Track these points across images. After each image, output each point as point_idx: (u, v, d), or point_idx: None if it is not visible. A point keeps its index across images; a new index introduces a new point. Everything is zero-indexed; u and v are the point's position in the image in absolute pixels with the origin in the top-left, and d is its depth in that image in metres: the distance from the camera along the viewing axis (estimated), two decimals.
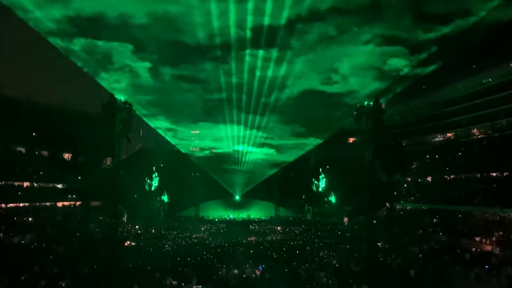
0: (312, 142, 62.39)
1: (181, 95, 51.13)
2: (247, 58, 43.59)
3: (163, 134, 60.58)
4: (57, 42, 41.84)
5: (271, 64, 43.48)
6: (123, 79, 48.58)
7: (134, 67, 46.31)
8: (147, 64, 46.06)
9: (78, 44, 42.69)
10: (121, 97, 24.32)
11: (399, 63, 46.15)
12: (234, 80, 45.54)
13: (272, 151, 66.39)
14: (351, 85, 49.88)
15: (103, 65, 45.96)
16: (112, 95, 24.34)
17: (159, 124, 58.90)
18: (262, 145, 61.88)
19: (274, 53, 42.00)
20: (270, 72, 44.84)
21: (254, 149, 63.28)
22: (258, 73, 45.02)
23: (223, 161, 66.08)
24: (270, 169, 67.23)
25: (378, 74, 47.85)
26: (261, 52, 42.04)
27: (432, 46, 43.22)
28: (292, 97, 49.82)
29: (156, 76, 48.72)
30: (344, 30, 41.08)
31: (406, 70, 46.96)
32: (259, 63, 43.49)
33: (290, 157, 66.06)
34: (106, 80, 46.42)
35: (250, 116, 53.59)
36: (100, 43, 42.75)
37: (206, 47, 41.17)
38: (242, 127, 57.02)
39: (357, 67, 47.53)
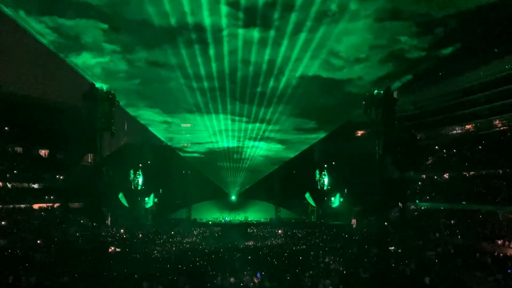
0: (317, 136, 62.32)
1: (166, 83, 50.55)
2: (235, 40, 43.01)
3: (150, 128, 60.48)
4: (29, 23, 41.29)
5: (262, 47, 42.99)
6: (100, 65, 47.93)
7: (110, 51, 45.61)
8: (128, 49, 45.39)
9: (49, 25, 41.99)
10: (102, 86, 24.23)
11: (412, 45, 45.29)
12: (220, 65, 44.93)
13: (271, 145, 66.38)
14: (357, 71, 49.25)
15: (77, 50, 45.31)
16: (92, 84, 24.27)
17: (146, 116, 58.70)
18: (260, 139, 61.78)
19: (265, 33, 41.49)
20: (261, 56, 44.32)
21: (251, 143, 63.25)
22: (249, 57, 44.54)
23: (217, 158, 66.04)
24: (270, 166, 67.26)
25: (388, 58, 47.12)
26: (250, 33, 41.53)
27: (449, 24, 42.35)
28: (290, 85, 49.29)
29: (137, 62, 48.15)
30: (345, 4, 39.96)
31: (420, 53, 46.27)
32: (247, 45, 42.94)
33: (291, 152, 66.07)
34: (83, 68, 45.79)
35: (246, 107, 53.44)
36: (69, 22, 41.97)
37: (188, 28, 40.53)
38: (236, 118, 56.89)
39: (363, 50, 46.72)
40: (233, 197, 67.78)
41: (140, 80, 51.12)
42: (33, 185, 48.23)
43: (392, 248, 27.62)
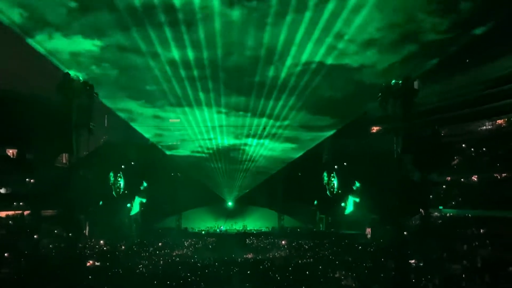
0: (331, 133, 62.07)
1: (150, 71, 50.00)
2: (226, 20, 42.54)
3: (133, 124, 60.31)
4: None
5: (257, 29, 42.55)
6: (70, 50, 47.24)
7: (82, 34, 44.85)
8: (102, 31, 44.65)
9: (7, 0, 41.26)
10: (79, 76, 24.34)
11: (434, 25, 44.31)
12: (211, 51, 44.56)
13: (276, 144, 66.18)
14: (370, 57, 48.57)
15: (43, 31, 44.60)
16: (67, 74, 24.37)
17: (128, 110, 58.40)
18: (261, 136, 61.68)
19: (261, 11, 40.99)
20: (258, 40, 43.87)
21: (253, 141, 63.15)
22: (244, 41, 44.12)
23: (212, 158, 65.95)
24: (275, 168, 67.10)
25: (405, 41, 46.29)
26: (243, 11, 41.08)
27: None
28: (291, 74, 48.83)
29: (114, 47, 47.48)
30: None
31: (444, 34, 45.46)
32: (240, 26, 42.47)
33: (296, 152, 65.84)
34: (52, 53, 45.06)
35: (244, 99, 53.33)
36: None
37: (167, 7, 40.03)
38: (233, 112, 56.74)
39: (375, 31, 45.79)
40: (230, 203, 67.83)
41: (119, 68, 50.56)
42: None
43: (413, 261, 27.74)
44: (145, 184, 58.61)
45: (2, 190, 48.41)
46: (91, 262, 33.15)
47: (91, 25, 42.98)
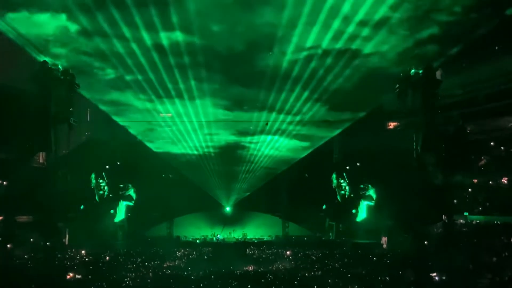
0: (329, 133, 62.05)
1: (137, 58, 49.74)
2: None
3: (119, 118, 60.25)
4: None
5: (253, 12, 42.40)
6: (41, 33, 46.74)
7: (55, 13, 44.35)
8: (79, 10, 44.23)
9: None
10: (58, 64, 24.33)
11: (459, 3, 43.59)
12: (203, 36, 44.37)
13: (275, 142, 66.16)
14: (384, 42, 48.09)
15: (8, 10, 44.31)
16: (44, 62, 24.36)
17: (114, 103, 58.31)
18: (260, 132, 61.67)
19: None
20: (255, 27, 43.80)
21: (249, 138, 63.18)
22: (239, 27, 44.03)
23: (208, 158, 65.96)
24: (276, 168, 67.14)
25: (424, 23, 45.62)
26: None
27: None
28: (294, 59, 48.57)
29: (93, 28, 47.01)
30: None
31: (470, 14, 44.71)
32: (235, 9, 42.25)
33: (302, 152, 65.78)
34: (21, 37, 44.51)
35: (245, 91, 53.34)
36: None
37: None
38: (233, 106, 56.81)
39: (388, 11, 45.01)
40: (228, 208, 67.80)
41: (102, 54, 50.10)
42: None
43: (434, 274, 27.78)
44: (132, 187, 58.65)
45: None
46: (71, 274, 33.19)
47: (69, 3, 42.72)
